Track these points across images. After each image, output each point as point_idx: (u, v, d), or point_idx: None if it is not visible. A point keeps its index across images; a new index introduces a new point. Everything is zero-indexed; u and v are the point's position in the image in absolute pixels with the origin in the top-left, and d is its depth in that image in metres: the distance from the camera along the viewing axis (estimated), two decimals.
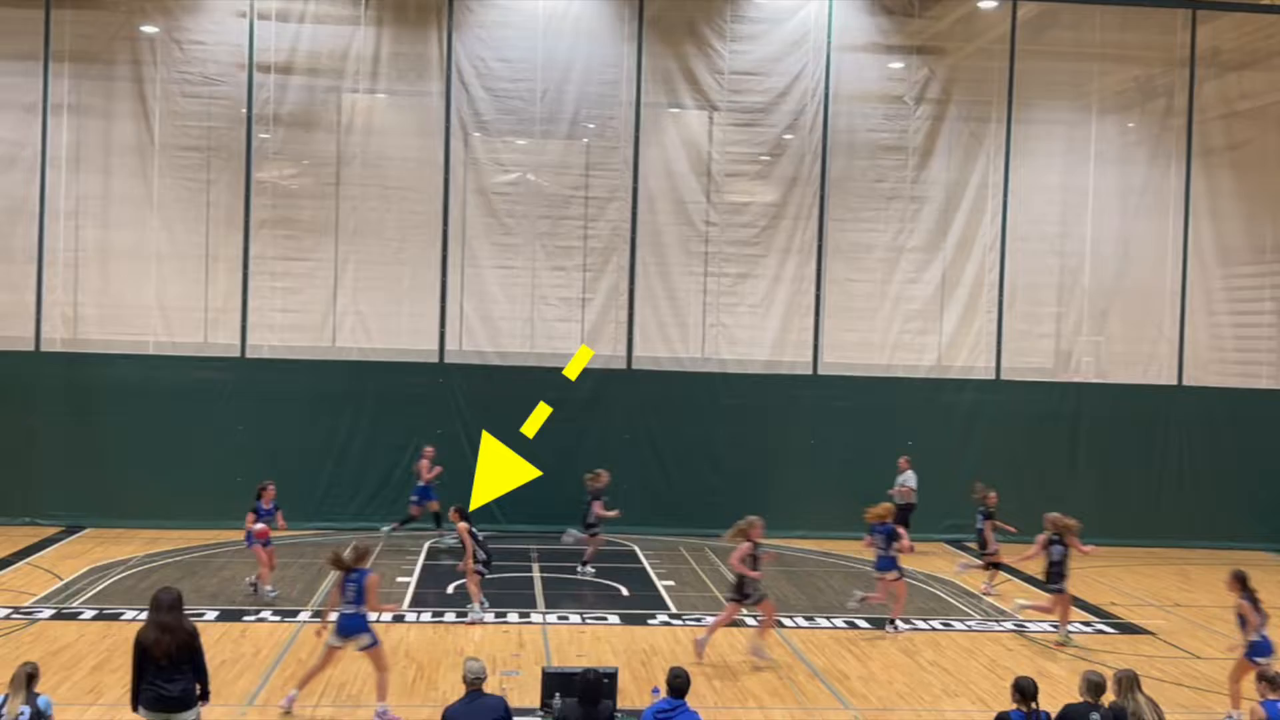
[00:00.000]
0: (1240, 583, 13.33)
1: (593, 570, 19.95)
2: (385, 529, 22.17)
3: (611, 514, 19.87)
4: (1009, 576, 20.15)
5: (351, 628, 12.80)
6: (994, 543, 19.57)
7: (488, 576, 16.97)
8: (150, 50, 23.13)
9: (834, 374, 24.27)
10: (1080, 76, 25.39)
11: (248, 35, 23.14)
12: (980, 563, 19.80)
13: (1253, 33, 24.67)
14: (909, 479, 22.07)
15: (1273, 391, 25.18)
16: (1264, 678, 10.40)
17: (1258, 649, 12.92)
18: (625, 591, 18.83)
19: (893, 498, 21.05)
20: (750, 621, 16.23)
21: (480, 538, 16.89)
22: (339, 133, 23.77)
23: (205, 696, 9.95)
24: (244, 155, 23.24)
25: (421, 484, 21.72)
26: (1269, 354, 25.84)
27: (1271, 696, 10.16)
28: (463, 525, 16.69)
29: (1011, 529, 19.80)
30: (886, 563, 16.97)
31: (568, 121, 23.84)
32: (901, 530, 17.36)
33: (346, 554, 13.00)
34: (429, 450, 21.74)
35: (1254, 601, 13.17)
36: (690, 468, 23.76)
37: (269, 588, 17.54)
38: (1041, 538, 16.85)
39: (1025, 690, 9.77)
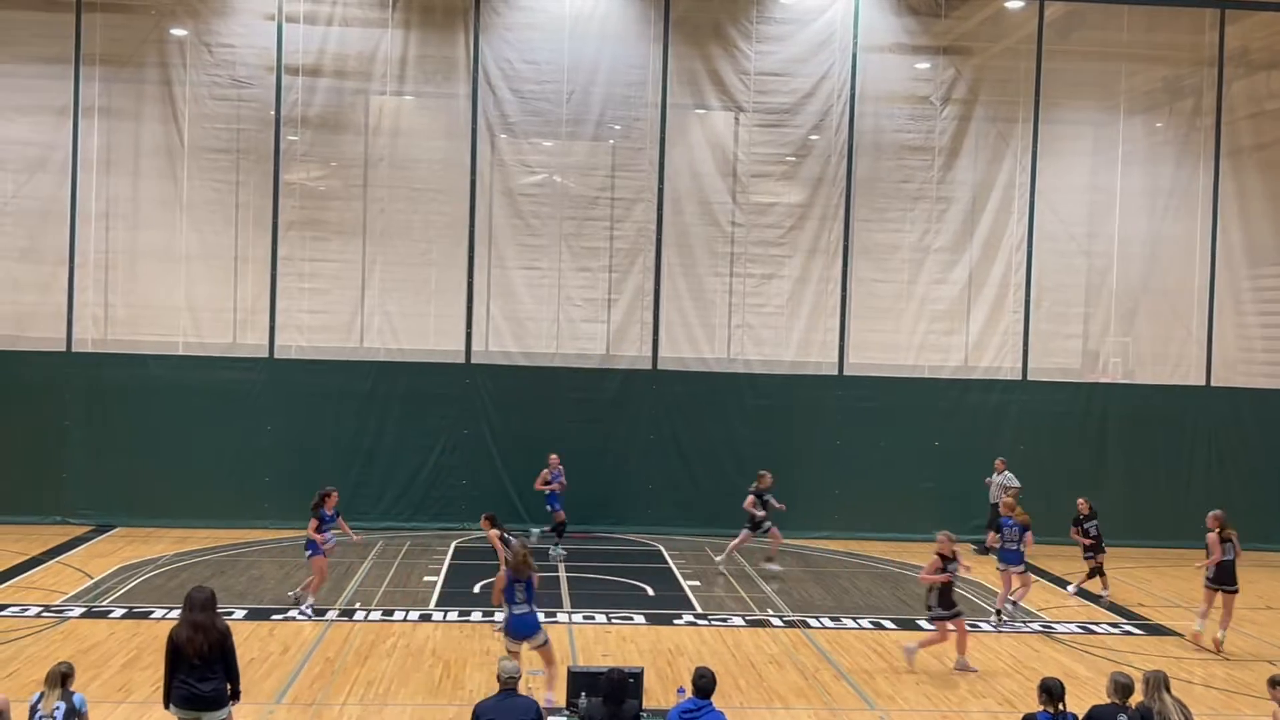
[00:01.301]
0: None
1: (777, 567, 20.15)
2: (536, 531, 22.11)
3: (761, 513, 19.91)
4: (1036, 578, 20.07)
5: (528, 627, 12.80)
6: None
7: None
8: (179, 53, 23.31)
9: (860, 375, 24.24)
10: (1108, 76, 25.28)
11: (276, 38, 23.28)
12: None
13: None
14: (1008, 480, 22.06)
15: None
16: (1276, 682, 10.35)
17: None
18: (651, 591, 18.86)
19: (987, 493, 21.04)
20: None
21: (513, 542, 16.80)
22: (366, 134, 23.91)
23: (236, 696, 10.03)
24: (272, 157, 23.40)
25: (548, 492, 21.11)
26: None
27: None
28: (493, 532, 16.60)
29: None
30: (1015, 556, 17.26)
31: (593, 123, 23.90)
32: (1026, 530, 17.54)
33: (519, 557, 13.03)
34: (553, 458, 21.20)
35: None
36: (715, 468, 23.77)
37: (311, 599, 16.96)
38: (1211, 537, 16.68)
39: (1052, 691, 9.74)
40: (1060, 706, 9.68)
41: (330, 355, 23.53)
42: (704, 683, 9.63)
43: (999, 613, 17.49)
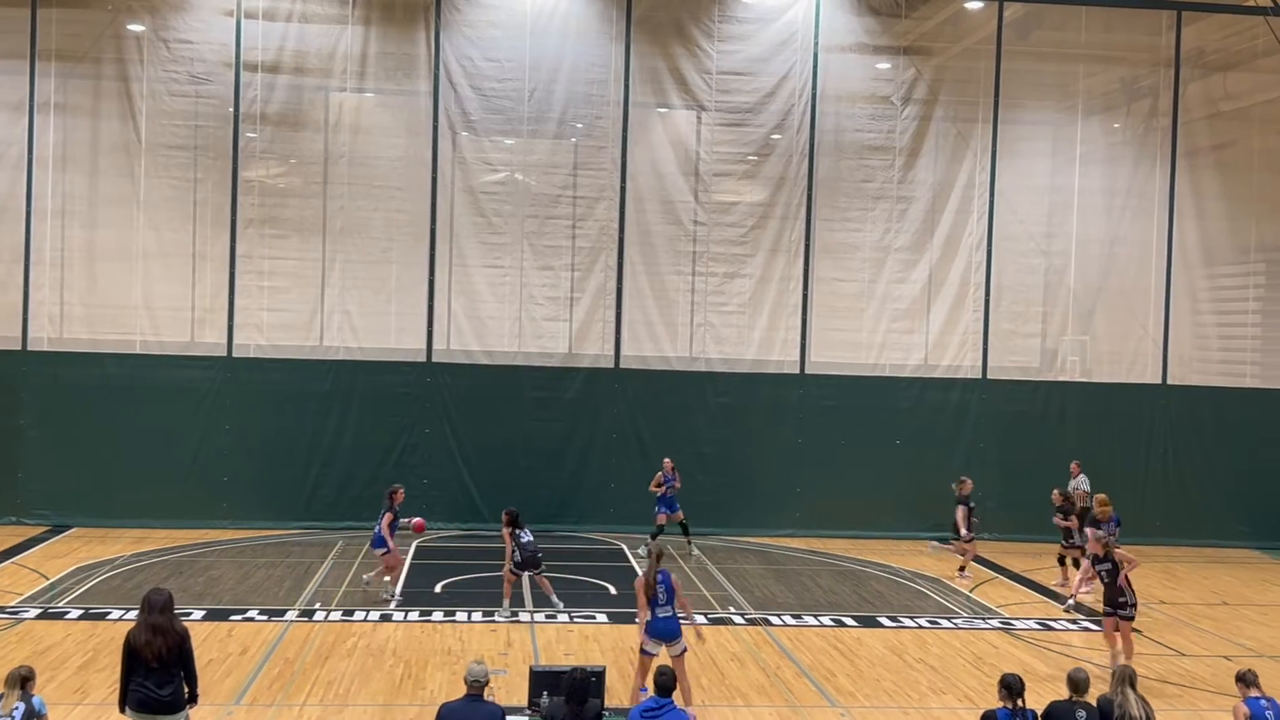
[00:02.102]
0: None
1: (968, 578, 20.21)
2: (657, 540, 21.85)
3: (966, 533, 20.16)
4: (990, 572, 20.22)
5: (673, 631, 12.52)
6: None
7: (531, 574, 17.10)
8: (137, 49, 23.08)
9: (821, 373, 24.33)
10: (1066, 77, 25.50)
11: (235, 34, 23.09)
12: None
13: (1237, 34, 24.76)
14: (1082, 482, 22.27)
15: (1256, 390, 25.32)
16: (1241, 677, 10.47)
17: None
18: (613, 590, 18.85)
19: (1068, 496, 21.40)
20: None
21: (525, 541, 16.78)
22: (326, 132, 23.76)
23: (194, 699, 9.92)
24: (231, 154, 23.21)
25: (660, 494, 21.34)
26: (1252, 353, 25.99)
27: (1253, 694, 10.23)
28: (506, 531, 16.85)
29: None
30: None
31: (555, 121, 23.85)
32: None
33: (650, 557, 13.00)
34: (667, 462, 21.42)
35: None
36: (678, 466, 23.74)
37: (395, 590, 17.67)
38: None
39: (1012, 687, 9.80)
40: (1020, 702, 9.74)
41: (289, 354, 23.36)
42: (665, 681, 9.64)
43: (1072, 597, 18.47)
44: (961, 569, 20.24)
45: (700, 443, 23.84)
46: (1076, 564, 19.72)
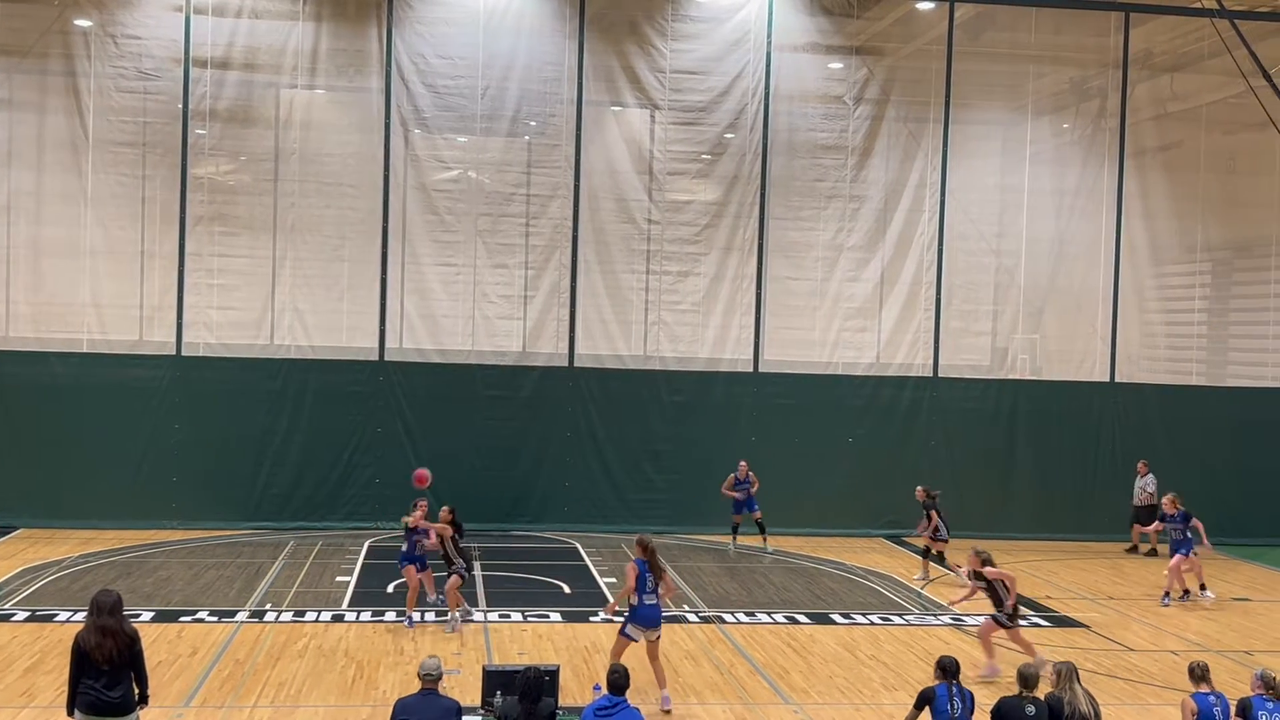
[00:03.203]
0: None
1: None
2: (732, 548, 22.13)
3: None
4: (941, 569, 20.38)
5: (656, 618, 13.05)
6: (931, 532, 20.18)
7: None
8: (84, 45, 22.76)
9: (774, 371, 24.42)
10: (1016, 78, 25.72)
11: (184, 30, 22.83)
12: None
13: (1184, 35, 25.09)
14: (1149, 483, 22.46)
15: (1202, 388, 25.66)
16: (1191, 671, 10.60)
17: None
18: (567, 589, 18.83)
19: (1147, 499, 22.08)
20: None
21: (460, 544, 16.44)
22: (277, 128, 23.55)
23: (144, 700, 9.81)
24: (180, 151, 22.95)
25: (735, 499, 21.83)
26: (1199, 351, 26.35)
27: (1202, 689, 10.36)
28: (451, 533, 16.17)
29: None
30: (1186, 546, 18.92)
31: (509, 119, 23.77)
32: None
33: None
34: (742, 465, 21.81)
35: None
36: (632, 465, 23.83)
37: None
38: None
39: (948, 668, 10.23)
40: (956, 681, 10.18)
41: (240, 353, 23.14)
42: (618, 679, 9.64)
43: (1187, 593, 19.08)
44: (936, 563, 20.44)
45: (654, 441, 23.89)
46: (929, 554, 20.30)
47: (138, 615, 15.89)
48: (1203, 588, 19.25)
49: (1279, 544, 18.39)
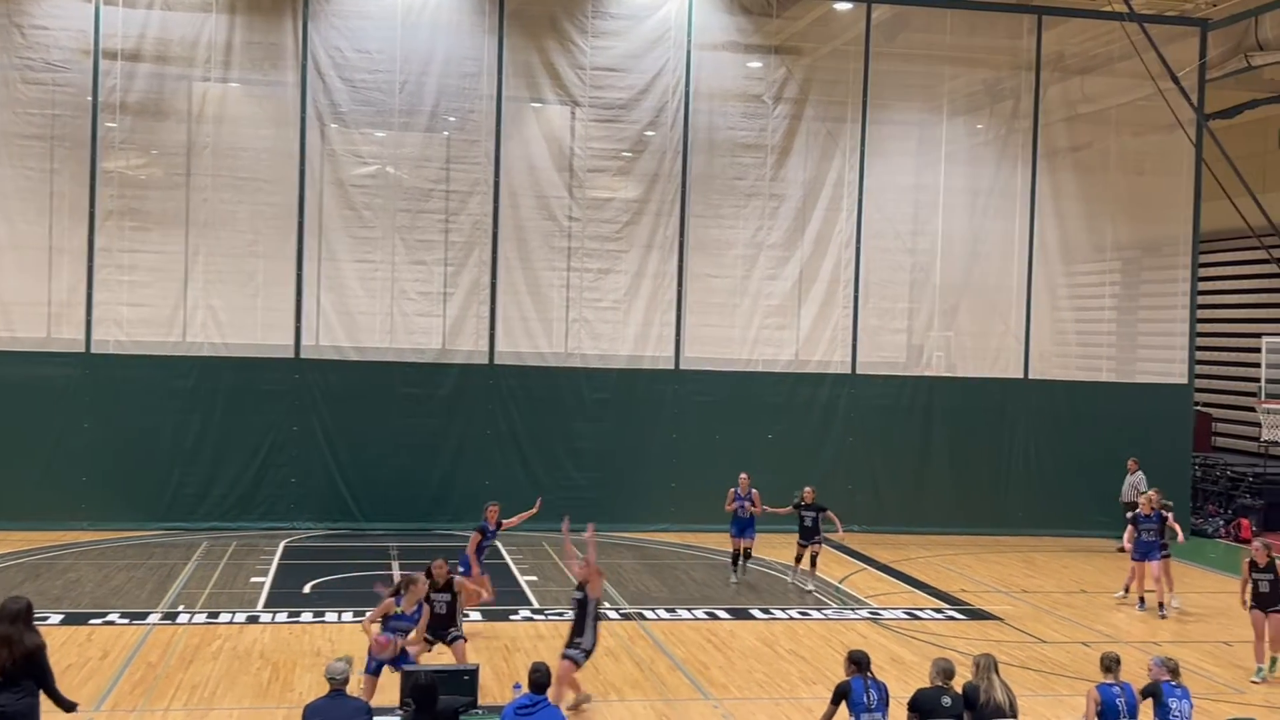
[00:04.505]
0: None
1: None
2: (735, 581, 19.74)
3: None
4: (859, 563, 20.58)
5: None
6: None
7: None
8: None
9: (695, 369, 24.48)
10: (932, 79, 26.04)
11: (93, 20, 22.36)
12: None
13: (1095, 38, 25.58)
14: (1140, 481, 22.51)
15: (1112, 384, 26.15)
16: (1104, 660, 10.78)
17: None
18: (485, 594, 18.68)
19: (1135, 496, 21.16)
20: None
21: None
22: (190, 122, 23.13)
23: (69, 708, 9.55)
24: (89, 144, 22.48)
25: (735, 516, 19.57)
26: (1109, 348, 26.86)
27: (1108, 680, 10.56)
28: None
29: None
30: (1154, 548, 18.15)
31: (427, 114, 23.58)
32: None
33: None
34: (743, 478, 19.71)
35: None
36: (553, 463, 23.75)
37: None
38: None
39: (860, 661, 10.33)
40: (869, 674, 10.27)
41: (151, 350, 22.70)
42: (538, 678, 9.60)
43: (1161, 606, 18.24)
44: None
45: (576, 438, 23.85)
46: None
47: (46, 618, 15.50)
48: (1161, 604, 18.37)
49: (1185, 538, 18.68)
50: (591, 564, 12.97)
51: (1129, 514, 19.21)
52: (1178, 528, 18.74)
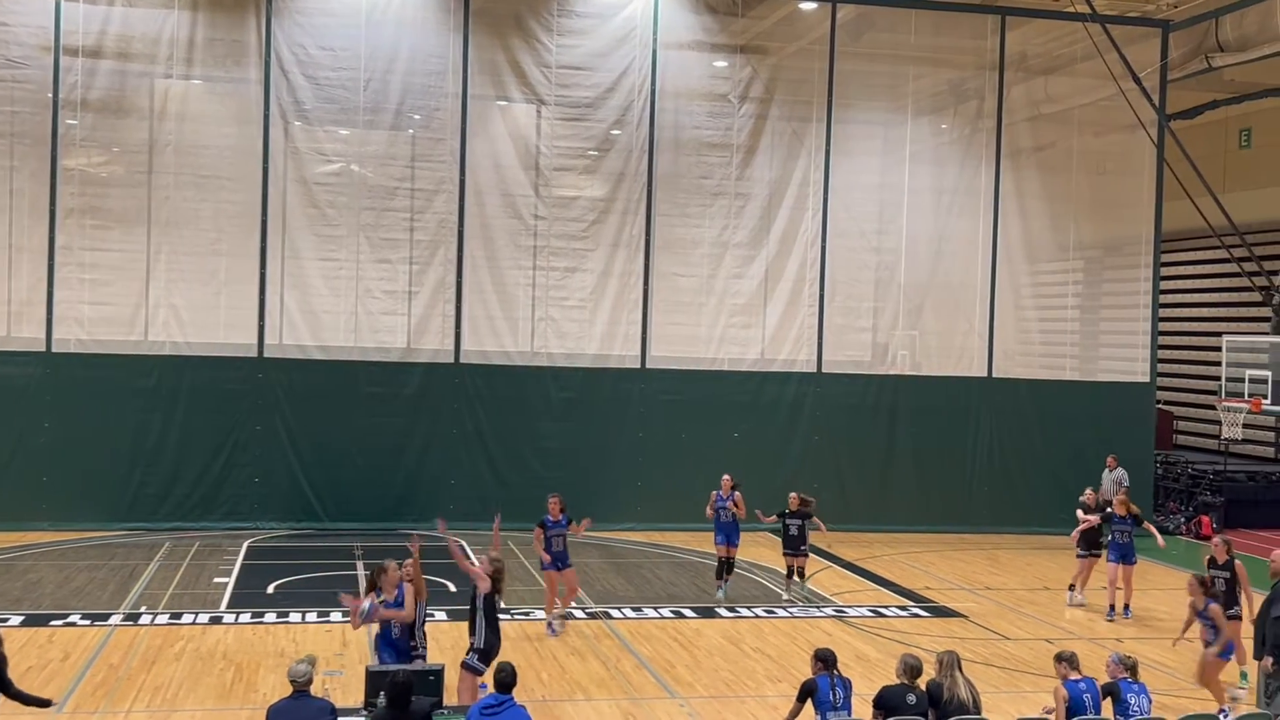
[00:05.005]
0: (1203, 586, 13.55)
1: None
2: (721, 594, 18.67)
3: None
4: (824, 561, 20.65)
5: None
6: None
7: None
8: None
9: (662, 367, 24.48)
10: (897, 79, 26.15)
11: (54, 16, 22.13)
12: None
13: (1057, 39, 25.76)
14: (1123, 477, 22.45)
15: (1075, 383, 26.35)
16: (1062, 658, 10.88)
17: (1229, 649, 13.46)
18: (452, 587, 18.65)
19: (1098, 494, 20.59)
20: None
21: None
22: (152, 119, 22.92)
23: (41, 705, 9.45)
24: (50, 142, 22.24)
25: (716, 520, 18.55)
26: (1072, 347, 27.07)
27: (1073, 676, 10.64)
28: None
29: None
30: (1128, 551, 17.81)
31: (392, 112, 23.46)
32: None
33: None
34: (725, 479, 18.72)
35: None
36: (519, 462, 23.70)
37: (559, 611, 16.26)
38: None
39: (826, 659, 10.36)
40: (835, 671, 10.31)
41: (112, 349, 22.49)
42: (504, 677, 9.56)
43: (1127, 607, 18.00)
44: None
45: (542, 437, 23.81)
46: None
47: (6, 620, 15.39)
48: (1126, 606, 18.10)
49: (1145, 535, 18.75)
50: (481, 563, 12.42)
51: (1092, 513, 18.72)
52: (1158, 534, 18.72)
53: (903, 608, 18.33)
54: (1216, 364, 26.68)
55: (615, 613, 17.26)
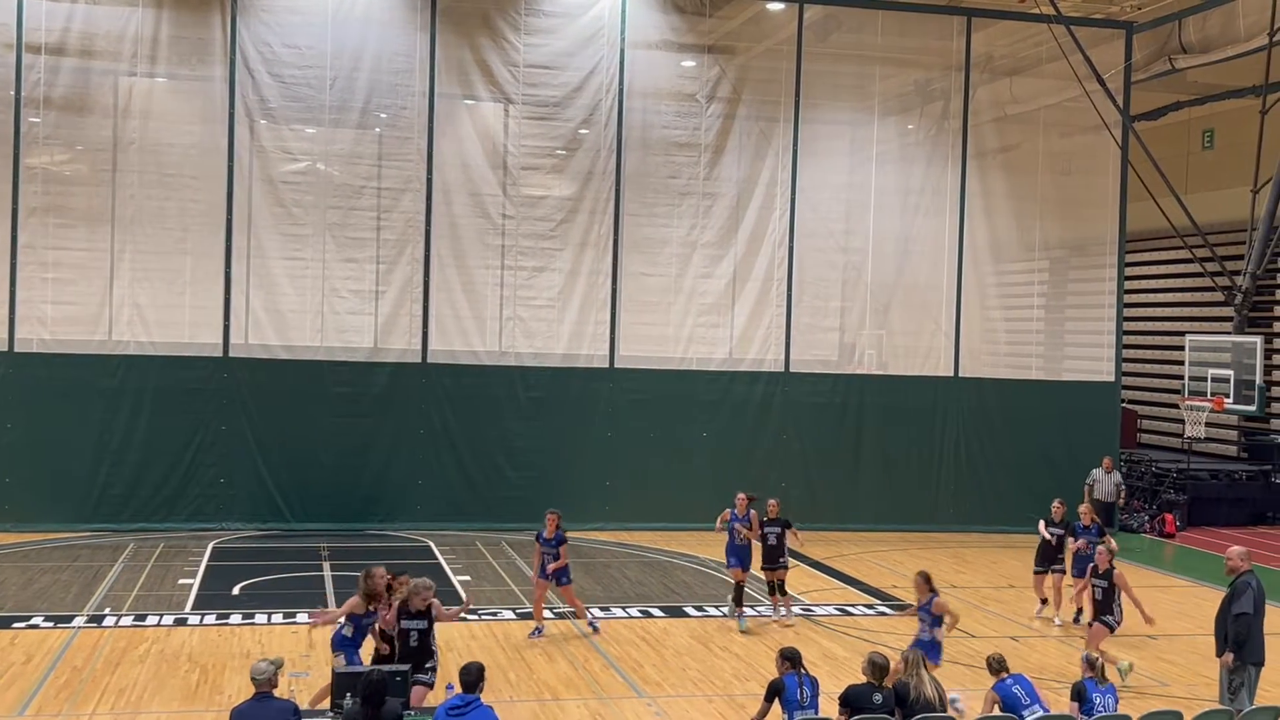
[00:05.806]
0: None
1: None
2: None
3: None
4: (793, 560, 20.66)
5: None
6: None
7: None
8: None
9: (630, 367, 24.48)
10: (863, 79, 26.24)
11: (16, 13, 21.91)
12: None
13: (1023, 40, 25.93)
14: (1116, 478, 22.29)
15: (1040, 382, 26.54)
16: (988, 664, 11.02)
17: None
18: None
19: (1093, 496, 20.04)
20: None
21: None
22: (116, 117, 22.72)
23: None
24: (12, 140, 22.02)
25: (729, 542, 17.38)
26: (1037, 346, 27.27)
27: (1001, 677, 10.80)
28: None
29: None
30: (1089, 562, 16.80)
31: (359, 111, 23.35)
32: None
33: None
34: (740, 498, 17.36)
35: None
36: (487, 462, 23.65)
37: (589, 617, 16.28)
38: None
39: (793, 658, 10.45)
40: (802, 669, 10.38)
41: (76, 349, 22.30)
42: (470, 678, 9.55)
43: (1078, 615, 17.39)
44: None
45: (510, 437, 23.77)
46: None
47: None
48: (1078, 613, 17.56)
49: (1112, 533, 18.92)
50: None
51: (1055, 528, 18.02)
52: (1113, 543, 17.90)
53: (869, 606, 18.41)
54: (1180, 363, 26.92)
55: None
